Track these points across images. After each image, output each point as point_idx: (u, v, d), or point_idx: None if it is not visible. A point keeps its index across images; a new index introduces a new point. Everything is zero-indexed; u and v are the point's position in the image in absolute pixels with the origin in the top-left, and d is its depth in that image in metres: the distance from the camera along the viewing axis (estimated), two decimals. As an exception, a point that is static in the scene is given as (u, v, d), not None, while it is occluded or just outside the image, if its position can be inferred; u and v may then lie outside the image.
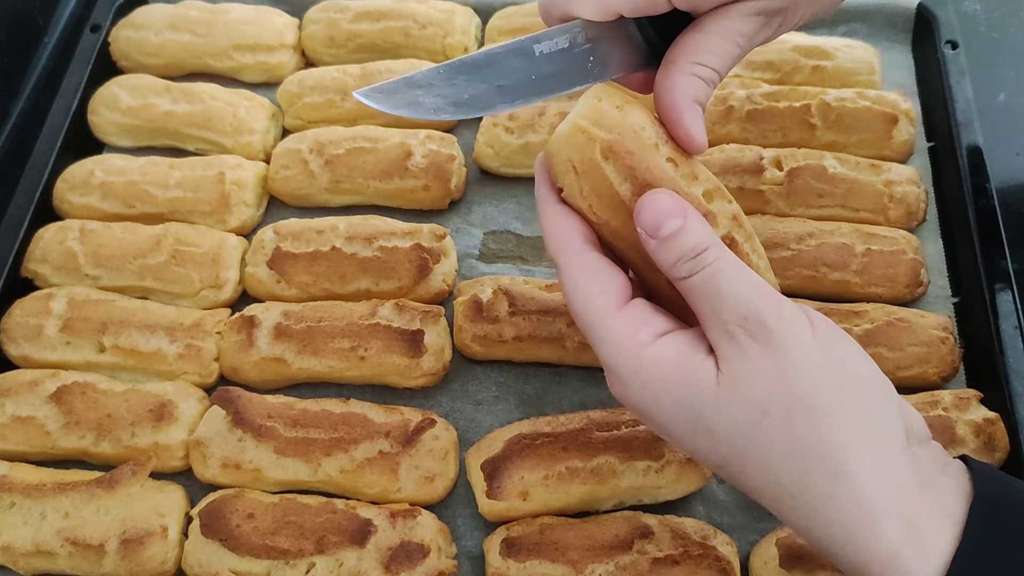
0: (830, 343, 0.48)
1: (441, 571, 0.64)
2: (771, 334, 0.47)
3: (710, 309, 0.48)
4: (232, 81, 0.94)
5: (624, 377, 0.50)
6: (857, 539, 0.46)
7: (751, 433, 0.48)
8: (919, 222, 0.81)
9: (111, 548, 0.65)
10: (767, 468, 0.48)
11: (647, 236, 0.49)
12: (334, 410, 0.70)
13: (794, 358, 0.47)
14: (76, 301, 0.77)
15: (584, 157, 0.51)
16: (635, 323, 0.50)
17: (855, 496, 0.46)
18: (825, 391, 0.47)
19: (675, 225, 0.49)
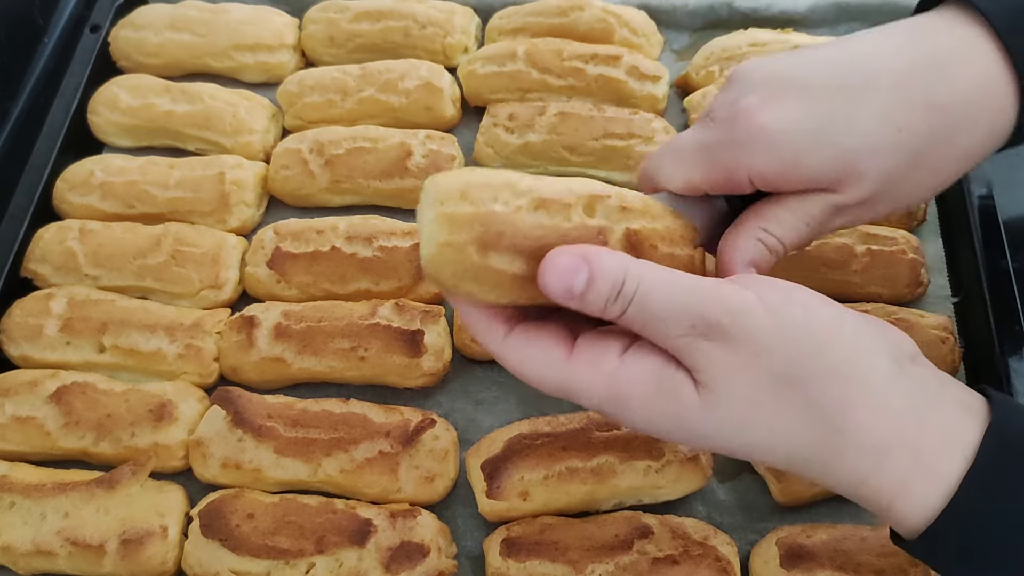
0: (785, 307, 0.48)
1: (441, 571, 0.64)
2: (725, 329, 0.47)
3: (656, 332, 0.48)
4: (232, 81, 0.94)
5: (613, 409, 0.50)
6: (869, 479, 0.48)
7: (746, 425, 0.48)
8: (919, 222, 0.81)
9: (111, 548, 0.65)
10: (771, 448, 0.48)
11: (565, 301, 0.48)
12: (334, 410, 0.70)
13: (759, 341, 0.47)
14: (76, 301, 0.77)
15: (465, 265, 0.47)
16: (593, 357, 0.49)
17: (861, 444, 0.47)
18: (801, 359, 0.47)
19: (583, 280, 0.47)
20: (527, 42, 0.90)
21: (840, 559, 0.61)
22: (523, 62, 0.88)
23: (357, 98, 0.89)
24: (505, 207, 0.47)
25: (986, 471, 0.46)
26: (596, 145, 0.83)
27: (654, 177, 0.58)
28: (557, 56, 0.88)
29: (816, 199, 0.55)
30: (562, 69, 0.88)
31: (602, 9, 0.92)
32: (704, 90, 0.88)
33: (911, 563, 0.60)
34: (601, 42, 0.91)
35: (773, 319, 0.47)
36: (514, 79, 0.88)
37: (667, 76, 0.89)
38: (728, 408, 0.48)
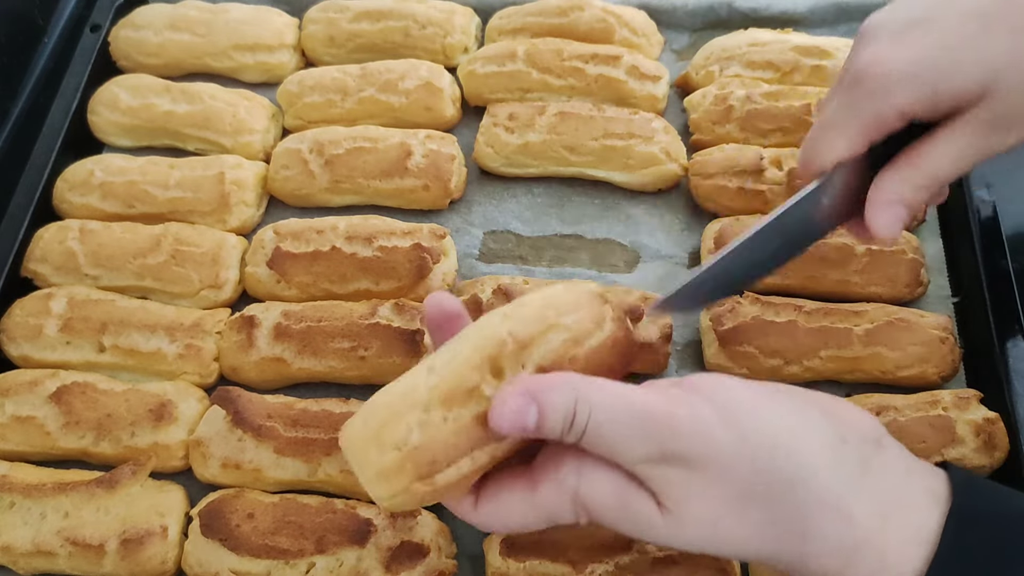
0: (735, 413, 0.48)
1: (441, 571, 0.64)
2: (683, 455, 0.47)
3: (615, 456, 0.48)
4: (232, 81, 0.94)
5: (588, 521, 0.50)
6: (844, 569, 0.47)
7: (713, 540, 0.48)
8: (919, 222, 0.81)
9: (111, 548, 0.65)
10: (741, 553, 0.49)
11: (522, 437, 0.48)
12: (334, 410, 0.70)
13: (719, 461, 0.47)
14: (76, 301, 0.77)
15: (421, 495, 0.48)
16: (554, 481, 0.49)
17: (826, 551, 0.47)
18: (761, 472, 0.47)
19: (533, 417, 0.47)
20: (527, 42, 0.90)
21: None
22: (523, 62, 0.88)
23: (357, 98, 0.89)
24: (422, 433, 0.47)
25: (948, 562, 0.46)
26: (596, 145, 0.83)
27: (815, 160, 0.60)
28: (557, 56, 0.88)
29: (963, 125, 0.56)
30: (562, 69, 0.88)
31: (602, 9, 0.92)
32: (704, 90, 0.88)
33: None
34: (601, 42, 0.91)
35: (731, 433, 0.47)
36: (514, 79, 0.88)
37: (667, 76, 0.89)
38: (693, 528, 0.48)
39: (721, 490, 0.47)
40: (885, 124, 0.57)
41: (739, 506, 0.47)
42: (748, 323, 0.73)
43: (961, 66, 0.55)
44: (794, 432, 0.48)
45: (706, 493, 0.47)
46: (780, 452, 0.47)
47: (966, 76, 0.55)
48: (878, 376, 0.72)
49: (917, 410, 0.68)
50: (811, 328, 0.72)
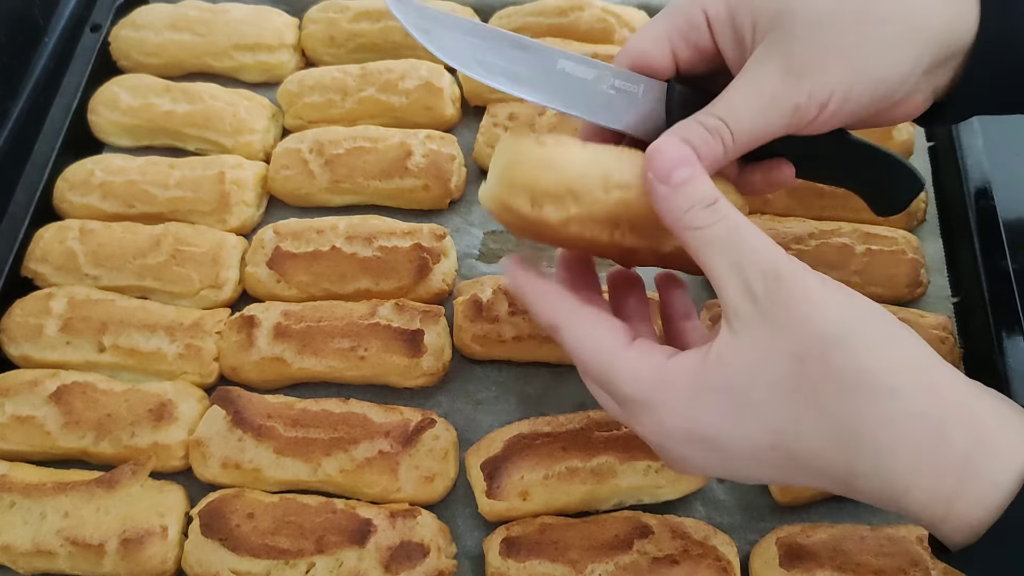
0: (836, 287, 0.48)
1: (441, 571, 0.64)
2: (789, 284, 0.46)
3: (730, 263, 0.47)
4: (232, 81, 0.95)
5: (652, 399, 0.49)
6: (925, 456, 0.45)
7: (795, 385, 0.46)
8: (919, 222, 0.82)
9: (111, 548, 0.65)
10: (820, 416, 0.46)
11: (657, 183, 0.49)
12: (334, 410, 0.70)
13: (813, 300, 0.46)
14: (76, 301, 0.77)
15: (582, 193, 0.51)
16: (647, 350, 0.50)
17: (912, 409, 0.45)
18: (849, 322, 0.46)
19: (687, 172, 0.49)
20: (527, 42, 0.90)
21: (839, 559, 0.61)
22: (523, 62, 0.88)
23: (357, 98, 0.89)
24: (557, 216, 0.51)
25: None
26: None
27: (621, 54, 0.59)
28: (557, 56, 0.88)
29: (754, 62, 0.54)
30: (562, 69, 0.88)
31: (602, 9, 0.92)
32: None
33: (910, 563, 0.60)
34: (601, 42, 0.91)
35: (830, 289, 0.47)
36: (514, 79, 0.88)
37: (667, 76, 0.89)
38: (776, 363, 0.46)
39: (811, 328, 0.46)
40: (684, 20, 0.57)
41: (825, 351, 0.46)
42: (748, 323, 0.72)
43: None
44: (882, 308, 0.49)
45: (797, 329, 0.46)
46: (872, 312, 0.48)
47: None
48: (878, 376, 0.72)
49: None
50: (811, 328, 0.72)
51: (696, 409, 0.48)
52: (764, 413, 0.47)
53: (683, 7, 0.58)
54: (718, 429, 0.48)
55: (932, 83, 0.57)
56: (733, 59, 0.57)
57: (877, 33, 0.53)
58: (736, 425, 0.47)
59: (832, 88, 0.53)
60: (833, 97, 0.53)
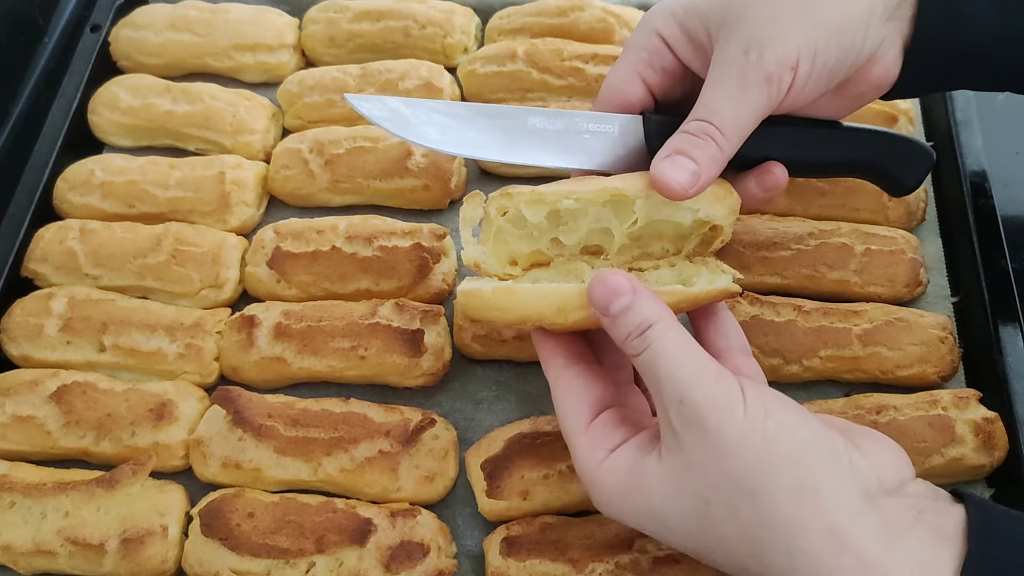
0: (761, 418, 0.48)
1: (441, 570, 0.64)
2: (703, 420, 0.48)
3: (654, 389, 0.51)
4: (232, 81, 0.95)
5: (590, 485, 0.54)
6: None
7: (702, 525, 0.49)
8: (919, 222, 0.82)
9: (111, 547, 0.65)
10: (728, 555, 0.49)
11: (600, 314, 0.53)
12: (334, 410, 0.70)
13: (727, 442, 0.48)
14: (76, 301, 0.77)
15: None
16: (595, 440, 0.54)
17: (812, 569, 0.46)
18: (761, 471, 0.47)
19: (623, 304, 0.52)
20: (527, 42, 0.90)
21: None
22: (523, 62, 0.88)
23: (357, 98, 0.89)
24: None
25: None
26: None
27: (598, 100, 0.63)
28: (557, 56, 0.88)
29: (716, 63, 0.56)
30: (562, 69, 0.88)
31: (602, 9, 0.92)
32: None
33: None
34: (601, 42, 0.91)
35: (748, 424, 0.48)
36: (514, 79, 0.88)
37: (667, 76, 0.89)
38: (686, 500, 0.49)
39: (720, 473, 0.48)
40: (647, 51, 0.60)
41: (731, 497, 0.48)
42: (747, 323, 0.73)
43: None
44: (805, 448, 0.48)
45: (706, 470, 0.48)
46: (784, 457, 0.47)
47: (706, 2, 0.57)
48: (877, 376, 0.72)
49: (916, 409, 0.68)
50: (810, 328, 0.72)
51: (623, 509, 0.53)
52: (679, 536, 0.51)
53: (640, 39, 0.61)
54: (644, 527, 0.53)
55: (895, 33, 0.57)
56: (700, 68, 0.59)
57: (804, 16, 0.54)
58: (658, 531, 0.52)
59: (797, 47, 0.54)
60: (801, 57, 0.54)
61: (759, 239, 0.77)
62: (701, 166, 0.54)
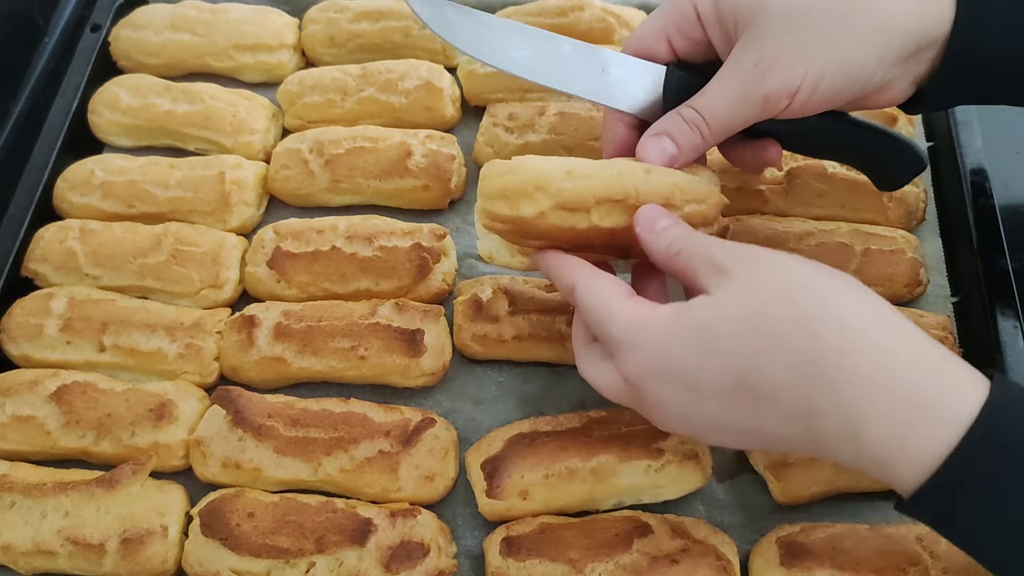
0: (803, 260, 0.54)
1: (441, 570, 0.64)
2: (756, 255, 0.53)
3: (704, 260, 0.54)
4: (232, 81, 0.95)
5: (635, 339, 0.54)
6: (878, 385, 0.47)
7: (758, 322, 0.50)
8: (918, 222, 0.82)
9: (111, 547, 0.65)
10: (780, 351, 0.49)
11: (645, 233, 0.58)
12: (334, 409, 0.70)
13: (781, 259, 0.53)
14: (76, 301, 0.77)
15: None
16: (640, 302, 0.56)
17: (866, 341, 0.48)
18: (813, 275, 0.52)
19: (666, 223, 0.58)
20: (527, 42, 0.90)
21: (839, 558, 0.61)
22: (523, 62, 0.88)
23: (357, 98, 0.89)
24: (532, 210, 0.59)
25: (1002, 411, 0.46)
26: (596, 145, 0.83)
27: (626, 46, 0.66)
28: (557, 56, 0.88)
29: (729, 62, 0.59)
30: (562, 69, 0.88)
31: (602, 9, 0.92)
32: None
33: (909, 561, 0.60)
34: (601, 42, 0.91)
35: (792, 257, 0.53)
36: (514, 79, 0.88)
37: (667, 76, 0.89)
38: (742, 306, 0.51)
39: (778, 277, 0.52)
40: (677, 16, 0.63)
41: (787, 293, 0.51)
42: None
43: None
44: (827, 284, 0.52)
45: (764, 280, 0.52)
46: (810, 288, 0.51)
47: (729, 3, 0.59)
48: (877, 376, 0.72)
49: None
50: (811, 328, 0.72)
51: (671, 345, 0.53)
52: (730, 347, 0.51)
53: (677, 2, 0.63)
54: (690, 364, 0.52)
55: (908, 72, 0.60)
56: (723, 50, 0.62)
57: (842, 27, 0.57)
58: (705, 359, 0.52)
59: (801, 78, 0.57)
60: (802, 86, 0.58)
61: (758, 239, 0.77)
62: (681, 151, 0.61)
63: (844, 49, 0.57)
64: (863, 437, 0.48)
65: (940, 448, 0.46)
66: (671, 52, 0.65)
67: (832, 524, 0.65)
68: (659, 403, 0.54)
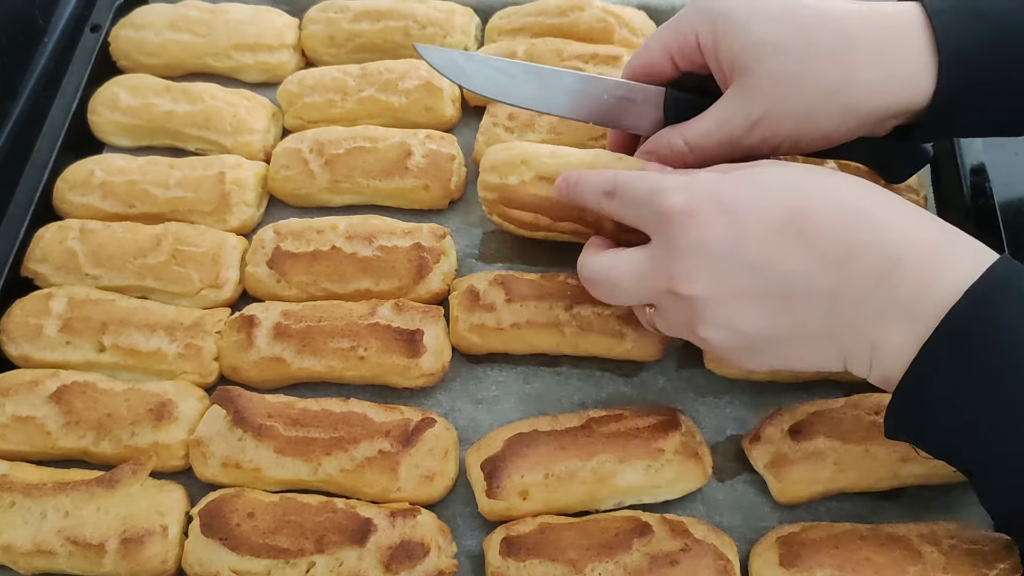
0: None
1: (441, 570, 0.64)
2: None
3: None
4: (232, 81, 0.95)
5: (691, 180, 0.58)
6: (913, 226, 0.53)
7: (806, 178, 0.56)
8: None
9: (111, 547, 0.65)
10: (829, 198, 0.54)
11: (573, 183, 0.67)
12: (334, 409, 0.70)
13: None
14: (76, 301, 0.77)
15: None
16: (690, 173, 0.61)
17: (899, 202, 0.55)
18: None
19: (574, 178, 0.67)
20: (527, 42, 0.90)
21: (839, 558, 0.61)
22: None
23: (357, 98, 0.89)
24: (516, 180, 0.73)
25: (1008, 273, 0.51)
26: (595, 145, 0.83)
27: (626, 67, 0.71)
28: (557, 56, 0.88)
29: (729, 93, 0.63)
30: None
31: (602, 9, 0.92)
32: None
33: (909, 561, 0.60)
34: (601, 42, 0.91)
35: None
36: (514, 79, 0.88)
37: (667, 76, 0.90)
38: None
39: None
40: (681, 39, 0.66)
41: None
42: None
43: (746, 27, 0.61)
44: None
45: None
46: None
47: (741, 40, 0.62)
48: (878, 376, 0.72)
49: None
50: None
51: (724, 182, 0.57)
52: (783, 189, 0.55)
53: (681, 26, 0.66)
54: (742, 197, 0.55)
55: (888, 126, 0.64)
56: (720, 79, 0.65)
57: (824, 105, 0.61)
58: (758, 196, 0.55)
59: (782, 139, 0.63)
60: (783, 145, 0.64)
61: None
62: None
63: (822, 125, 0.62)
64: (899, 273, 0.51)
65: (968, 278, 0.50)
66: (674, 68, 0.68)
67: (832, 524, 0.65)
68: (695, 245, 0.55)
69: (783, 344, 0.57)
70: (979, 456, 0.53)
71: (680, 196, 0.56)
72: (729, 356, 0.60)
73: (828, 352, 0.56)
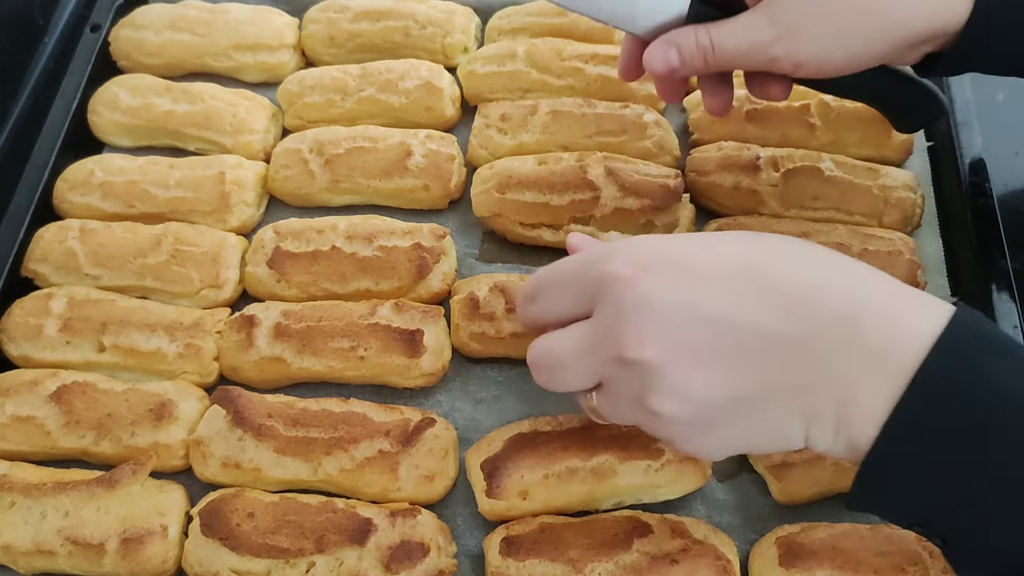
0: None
1: (441, 570, 0.64)
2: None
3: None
4: (232, 81, 0.95)
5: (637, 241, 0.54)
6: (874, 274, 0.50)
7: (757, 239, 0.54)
8: (914, 227, 0.81)
9: (111, 547, 0.65)
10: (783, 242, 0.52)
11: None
12: (334, 409, 0.70)
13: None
14: (76, 301, 0.77)
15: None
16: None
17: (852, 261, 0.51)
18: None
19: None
20: (527, 42, 0.90)
21: (839, 558, 0.61)
22: (523, 62, 0.88)
23: (357, 98, 0.89)
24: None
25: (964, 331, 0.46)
26: (590, 143, 0.83)
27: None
28: (557, 56, 0.88)
29: (751, 11, 0.62)
30: (562, 69, 0.88)
31: (602, 9, 0.92)
32: (704, 90, 0.88)
33: (909, 561, 0.61)
34: (601, 42, 0.91)
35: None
36: (514, 79, 0.88)
37: (666, 76, 0.90)
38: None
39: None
40: None
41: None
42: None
43: None
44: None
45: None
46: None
47: None
48: (877, 376, 0.72)
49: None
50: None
51: (670, 240, 0.54)
52: (733, 239, 0.54)
53: None
54: (694, 250, 0.52)
55: (917, 53, 0.62)
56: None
57: (857, 23, 0.60)
58: (706, 249, 0.52)
59: (807, 56, 0.61)
60: (808, 64, 0.61)
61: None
62: (682, 66, 0.65)
63: (853, 45, 0.60)
64: (863, 320, 0.47)
65: (932, 329, 0.46)
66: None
67: (832, 524, 0.65)
68: (650, 294, 0.49)
69: (742, 414, 0.49)
70: (960, 523, 0.47)
71: (622, 257, 0.51)
72: (681, 436, 0.52)
73: (791, 420, 0.49)
